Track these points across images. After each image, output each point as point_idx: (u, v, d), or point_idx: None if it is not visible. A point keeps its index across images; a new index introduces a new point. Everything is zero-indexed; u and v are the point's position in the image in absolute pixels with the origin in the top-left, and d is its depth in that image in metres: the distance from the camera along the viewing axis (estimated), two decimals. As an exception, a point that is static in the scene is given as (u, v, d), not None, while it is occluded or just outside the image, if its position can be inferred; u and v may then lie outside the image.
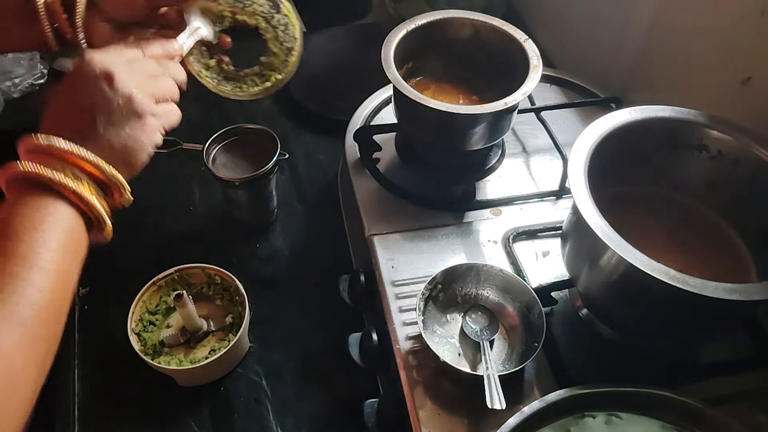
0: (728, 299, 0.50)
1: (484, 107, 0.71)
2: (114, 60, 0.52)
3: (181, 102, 1.09)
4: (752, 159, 0.62)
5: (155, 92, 0.55)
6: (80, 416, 0.70)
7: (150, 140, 0.54)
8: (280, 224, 0.89)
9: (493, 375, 0.58)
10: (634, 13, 0.89)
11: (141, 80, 0.54)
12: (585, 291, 0.64)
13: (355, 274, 0.73)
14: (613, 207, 0.58)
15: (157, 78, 0.56)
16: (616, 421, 0.55)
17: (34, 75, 1.07)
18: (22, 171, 0.48)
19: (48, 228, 0.47)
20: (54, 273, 0.46)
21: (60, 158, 0.49)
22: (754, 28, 0.70)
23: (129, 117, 0.52)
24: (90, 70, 0.51)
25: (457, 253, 0.73)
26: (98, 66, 0.51)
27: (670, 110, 0.65)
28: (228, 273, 0.75)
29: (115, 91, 0.51)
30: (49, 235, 0.47)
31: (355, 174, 0.82)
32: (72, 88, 0.52)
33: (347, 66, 1.10)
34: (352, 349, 0.68)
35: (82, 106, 0.51)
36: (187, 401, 0.71)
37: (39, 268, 0.45)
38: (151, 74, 0.56)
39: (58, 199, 0.48)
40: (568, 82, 0.96)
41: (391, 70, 0.73)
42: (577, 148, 0.61)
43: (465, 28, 0.81)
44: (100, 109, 0.51)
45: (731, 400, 0.61)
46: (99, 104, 0.51)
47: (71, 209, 0.49)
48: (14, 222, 0.47)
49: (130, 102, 0.52)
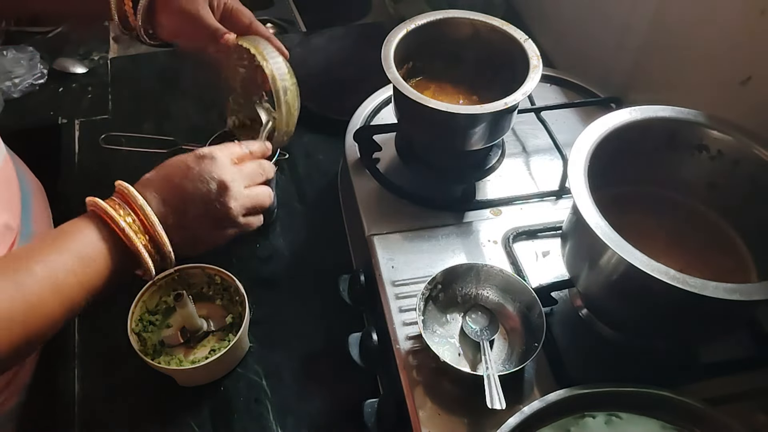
0: (728, 299, 0.50)
1: (484, 107, 0.71)
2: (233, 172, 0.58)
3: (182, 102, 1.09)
4: (752, 159, 0.62)
5: (250, 205, 0.60)
6: (80, 416, 0.70)
7: (219, 243, 0.60)
8: (280, 224, 0.89)
9: (493, 375, 0.58)
10: (634, 13, 0.89)
11: (244, 195, 0.59)
12: (585, 291, 0.64)
13: (355, 274, 0.73)
14: (613, 207, 0.58)
15: (255, 189, 0.61)
16: (616, 421, 0.55)
17: (34, 75, 1.07)
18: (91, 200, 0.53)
19: (67, 242, 0.51)
20: (59, 290, 0.49)
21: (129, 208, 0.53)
22: (754, 27, 0.70)
23: (219, 223, 0.58)
24: (209, 168, 0.57)
25: (457, 253, 0.73)
26: (218, 170, 0.57)
27: (670, 110, 0.65)
28: (228, 273, 0.75)
29: (222, 202, 0.57)
30: (65, 247, 0.50)
31: (355, 174, 0.82)
32: (186, 172, 0.57)
33: (347, 66, 1.10)
34: (352, 349, 0.68)
35: (187, 190, 0.56)
36: (187, 401, 0.71)
37: (29, 272, 0.48)
38: (253, 181, 0.61)
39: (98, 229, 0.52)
40: (568, 82, 0.96)
41: (391, 70, 0.73)
42: (577, 148, 0.61)
43: (465, 28, 0.81)
44: (200, 204, 0.56)
45: (731, 400, 0.61)
46: (200, 200, 0.56)
47: (104, 239, 0.52)
48: (56, 237, 0.51)
49: (226, 215, 0.57)
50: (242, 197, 0.59)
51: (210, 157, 0.58)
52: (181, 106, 1.05)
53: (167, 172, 0.57)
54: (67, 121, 1.03)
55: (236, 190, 0.58)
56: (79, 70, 1.12)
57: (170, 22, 0.71)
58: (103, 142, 0.92)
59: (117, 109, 1.05)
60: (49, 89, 1.08)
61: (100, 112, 1.05)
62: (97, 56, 1.15)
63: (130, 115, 1.04)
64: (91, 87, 1.09)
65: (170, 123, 1.02)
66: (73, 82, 1.10)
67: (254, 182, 0.61)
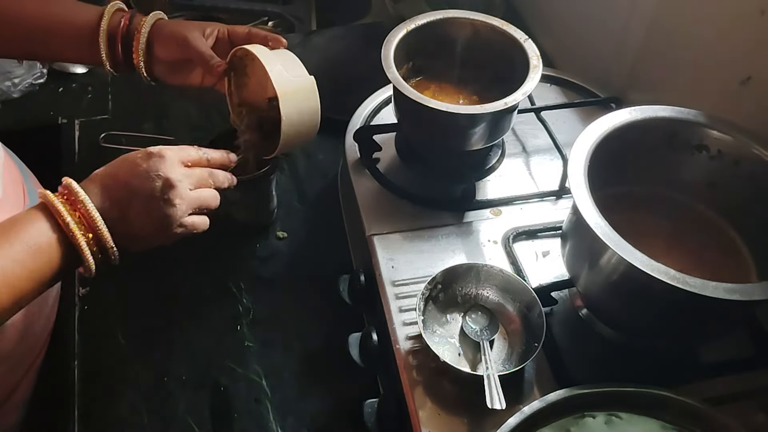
0: (728, 299, 0.50)
1: (484, 107, 0.71)
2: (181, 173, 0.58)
3: (182, 102, 1.09)
4: (752, 159, 0.62)
5: (196, 206, 0.60)
6: (80, 416, 0.70)
7: (164, 242, 0.60)
8: (280, 224, 0.89)
9: (493, 375, 0.58)
10: (634, 13, 0.89)
11: (190, 196, 0.59)
12: (585, 291, 0.64)
13: (355, 274, 0.73)
14: (613, 207, 0.58)
15: (202, 191, 0.61)
16: (616, 421, 0.55)
17: (33, 75, 1.07)
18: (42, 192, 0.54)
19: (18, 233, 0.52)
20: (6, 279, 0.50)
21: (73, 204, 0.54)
22: (754, 28, 0.70)
23: (163, 220, 0.58)
24: (155, 165, 0.57)
25: (457, 253, 0.73)
26: (164, 168, 0.57)
27: (670, 110, 0.65)
28: None
29: (166, 200, 0.57)
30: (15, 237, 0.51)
31: (355, 174, 0.82)
32: (133, 168, 0.57)
33: (347, 66, 1.10)
34: (352, 349, 0.68)
35: (132, 186, 0.56)
36: (187, 401, 0.71)
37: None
38: (200, 185, 0.61)
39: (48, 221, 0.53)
40: (568, 82, 0.96)
41: (391, 70, 0.73)
42: (577, 148, 0.61)
43: (465, 28, 0.81)
44: (144, 200, 0.56)
45: (731, 400, 0.61)
46: (145, 195, 0.56)
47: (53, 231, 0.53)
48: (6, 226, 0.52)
49: (170, 213, 0.57)
50: (188, 197, 0.59)
51: (159, 156, 0.58)
52: (181, 105, 1.05)
53: (115, 169, 0.58)
54: (67, 121, 1.03)
55: (182, 190, 0.58)
56: (78, 69, 1.11)
57: (164, 52, 0.72)
58: (103, 142, 0.92)
59: (117, 109, 1.05)
60: (49, 89, 1.08)
61: (100, 112, 1.05)
62: (97, 56, 1.15)
63: (130, 115, 1.04)
64: (91, 87, 1.09)
65: (170, 123, 1.02)
66: (73, 82, 1.10)
67: (201, 186, 0.61)
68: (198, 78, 0.76)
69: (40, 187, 0.82)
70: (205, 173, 0.63)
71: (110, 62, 0.73)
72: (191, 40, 0.71)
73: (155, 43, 0.72)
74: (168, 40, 0.72)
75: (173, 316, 0.78)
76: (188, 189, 0.59)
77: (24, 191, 0.72)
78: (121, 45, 0.72)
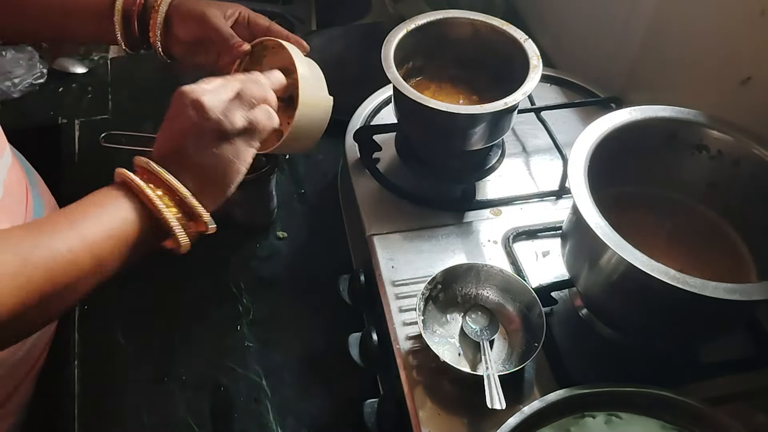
0: (728, 299, 0.50)
1: (484, 107, 0.71)
2: (202, 89, 0.56)
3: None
4: (752, 159, 0.62)
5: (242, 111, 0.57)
6: (80, 416, 0.70)
7: (240, 158, 0.57)
8: (280, 224, 0.89)
9: (493, 375, 0.58)
10: (634, 13, 0.89)
11: (228, 104, 0.56)
12: (585, 291, 0.64)
13: (355, 274, 0.73)
14: (613, 207, 0.58)
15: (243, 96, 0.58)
16: (616, 421, 0.55)
17: (33, 75, 1.07)
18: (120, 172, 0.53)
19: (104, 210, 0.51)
20: (88, 244, 0.49)
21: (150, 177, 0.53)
22: (754, 28, 0.70)
23: (216, 140, 0.55)
24: (181, 101, 0.55)
25: (457, 253, 0.73)
26: (188, 96, 0.55)
27: (670, 110, 0.65)
28: None
29: (203, 118, 0.54)
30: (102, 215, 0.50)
31: (355, 174, 0.82)
32: (170, 117, 0.56)
33: (347, 66, 1.10)
34: (352, 349, 0.68)
35: (176, 132, 0.55)
36: (187, 401, 0.71)
37: (76, 233, 0.48)
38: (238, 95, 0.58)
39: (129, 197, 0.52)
40: (568, 82, 0.96)
41: (391, 70, 0.73)
42: (577, 148, 0.61)
43: (465, 28, 0.81)
44: (191, 135, 0.55)
45: (731, 400, 0.61)
46: (189, 130, 0.55)
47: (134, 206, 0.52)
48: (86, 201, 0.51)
49: (216, 126, 0.55)
50: (227, 105, 0.56)
51: (178, 93, 0.56)
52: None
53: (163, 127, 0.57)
54: (67, 121, 1.03)
55: (213, 103, 0.55)
56: (79, 69, 1.11)
57: (182, 30, 0.71)
58: (104, 141, 0.92)
59: (117, 109, 1.05)
60: (49, 89, 1.08)
61: (100, 112, 1.05)
62: (97, 56, 1.15)
63: (130, 115, 1.04)
64: (91, 87, 1.09)
65: (170, 123, 1.02)
66: (73, 82, 1.10)
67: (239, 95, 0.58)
68: (214, 57, 0.74)
69: (43, 186, 0.82)
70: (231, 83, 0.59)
71: (125, 40, 0.72)
72: (210, 18, 0.70)
73: (173, 20, 0.71)
74: (186, 17, 0.71)
75: (173, 316, 0.78)
76: (219, 98, 0.56)
77: (27, 190, 0.72)
78: (137, 22, 0.71)
